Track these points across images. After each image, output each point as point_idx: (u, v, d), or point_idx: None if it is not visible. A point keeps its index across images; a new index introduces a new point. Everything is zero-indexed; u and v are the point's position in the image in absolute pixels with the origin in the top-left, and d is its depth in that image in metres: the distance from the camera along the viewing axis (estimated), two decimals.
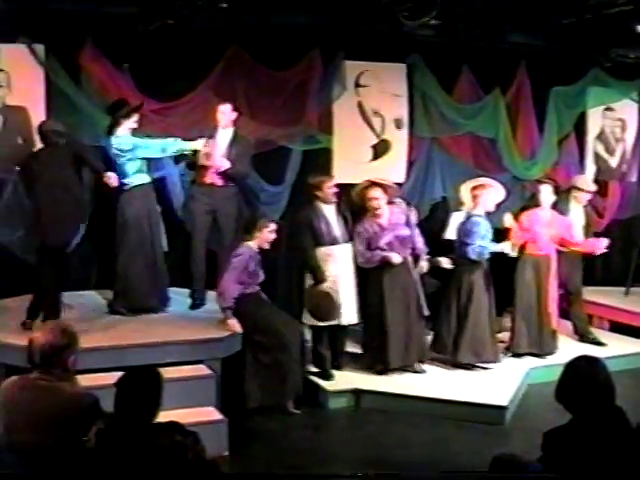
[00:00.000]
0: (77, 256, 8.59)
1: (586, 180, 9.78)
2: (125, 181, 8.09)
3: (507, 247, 8.69)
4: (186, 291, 8.80)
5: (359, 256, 8.14)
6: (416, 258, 8.42)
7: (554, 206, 9.05)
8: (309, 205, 8.20)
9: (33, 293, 7.60)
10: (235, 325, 7.54)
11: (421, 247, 8.44)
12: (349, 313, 8.18)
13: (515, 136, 10.83)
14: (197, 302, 8.51)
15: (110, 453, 3.88)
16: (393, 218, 8.24)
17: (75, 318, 6.63)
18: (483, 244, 8.33)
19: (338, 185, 8.44)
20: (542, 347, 8.92)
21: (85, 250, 8.65)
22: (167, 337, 7.34)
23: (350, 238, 8.18)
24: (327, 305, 8.01)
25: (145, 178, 8.23)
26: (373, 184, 8.25)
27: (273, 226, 7.87)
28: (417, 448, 7.01)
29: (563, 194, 9.39)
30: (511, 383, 8.12)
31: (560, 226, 8.95)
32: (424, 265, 8.47)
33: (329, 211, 8.15)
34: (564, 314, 9.65)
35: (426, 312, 8.31)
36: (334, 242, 8.09)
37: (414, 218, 8.84)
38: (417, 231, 8.51)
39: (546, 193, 8.93)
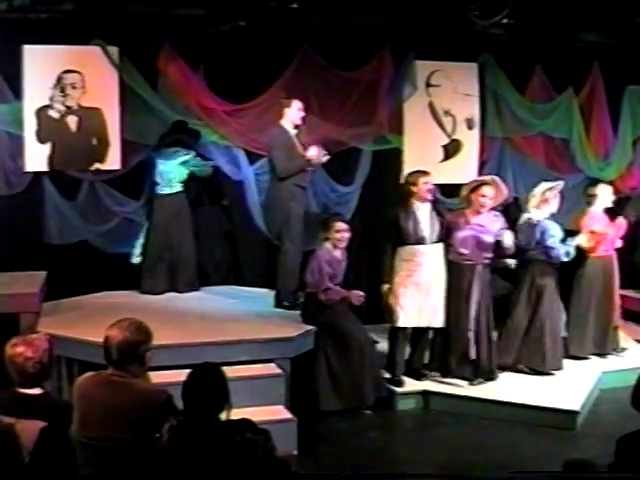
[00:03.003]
0: None
1: None
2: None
3: (582, 240, 8.65)
4: (257, 290, 8.90)
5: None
6: None
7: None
8: (402, 203, 7.96)
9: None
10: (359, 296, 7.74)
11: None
12: (435, 316, 7.96)
13: (589, 136, 10.67)
14: (290, 304, 8.36)
15: (182, 449, 3.92)
16: (485, 220, 7.98)
17: (147, 315, 6.68)
18: (567, 244, 8.30)
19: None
20: (606, 347, 8.84)
21: None
22: (238, 336, 7.39)
23: (442, 238, 7.96)
24: (390, 306, 7.90)
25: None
26: (491, 182, 8.06)
27: (341, 225, 7.82)
28: (486, 452, 6.95)
29: None
30: (583, 388, 7.99)
31: (616, 227, 8.89)
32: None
33: (422, 210, 7.87)
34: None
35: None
36: (421, 241, 7.83)
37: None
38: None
39: (606, 195, 8.81)
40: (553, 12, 9.08)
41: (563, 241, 8.33)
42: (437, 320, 7.96)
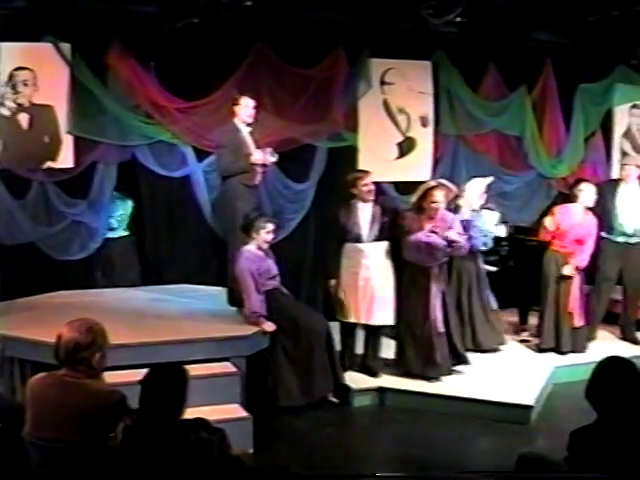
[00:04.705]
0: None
1: None
2: None
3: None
4: (212, 288, 8.88)
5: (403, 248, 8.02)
6: None
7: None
8: (345, 202, 8.08)
9: None
10: (271, 326, 7.53)
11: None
12: (382, 314, 8.03)
13: (541, 134, 10.78)
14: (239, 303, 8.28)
15: (136, 450, 3.90)
16: (438, 224, 7.94)
17: (101, 315, 6.66)
18: (485, 233, 8.83)
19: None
20: (561, 345, 8.88)
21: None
22: (193, 334, 7.35)
23: (384, 237, 8.02)
24: (334, 300, 8.07)
25: None
26: (438, 186, 8.09)
27: (271, 227, 7.80)
28: (441, 447, 7.00)
29: None
30: (536, 382, 8.07)
31: (587, 229, 8.89)
32: None
33: (364, 209, 7.99)
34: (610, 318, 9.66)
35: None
36: (358, 239, 7.97)
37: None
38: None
39: (588, 192, 8.84)
40: (506, 11, 9.16)
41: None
42: (376, 318, 8.03)
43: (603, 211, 9.12)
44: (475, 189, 8.96)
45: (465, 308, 8.78)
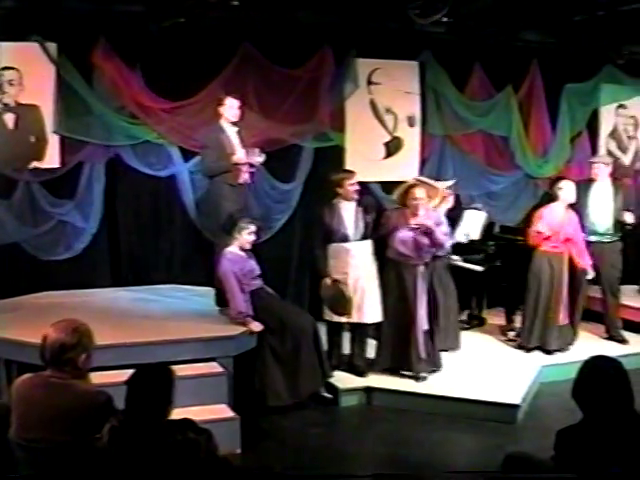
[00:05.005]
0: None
1: None
2: None
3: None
4: (199, 289, 8.85)
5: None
6: None
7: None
8: (328, 202, 8.11)
9: None
10: (258, 325, 7.53)
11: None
12: (371, 312, 8.06)
13: (527, 134, 10.80)
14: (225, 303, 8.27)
15: (122, 450, 3.89)
16: (423, 221, 7.94)
17: (88, 315, 6.62)
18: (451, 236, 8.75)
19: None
20: (548, 343, 8.91)
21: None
22: (179, 335, 7.34)
23: (368, 236, 8.05)
24: (332, 298, 8.01)
25: None
26: (418, 184, 8.10)
27: (253, 228, 7.81)
28: (428, 447, 7.00)
29: None
30: (523, 381, 8.09)
31: (572, 226, 8.90)
32: None
33: (347, 208, 8.02)
34: (595, 317, 9.70)
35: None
36: (345, 239, 7.98)
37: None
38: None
39: (568, 190, 8.87)
40: (492, 11, 9.17)
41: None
42: (367, 316, 8.05)
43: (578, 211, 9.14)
44: None
45: (440, 307, 8.68)
